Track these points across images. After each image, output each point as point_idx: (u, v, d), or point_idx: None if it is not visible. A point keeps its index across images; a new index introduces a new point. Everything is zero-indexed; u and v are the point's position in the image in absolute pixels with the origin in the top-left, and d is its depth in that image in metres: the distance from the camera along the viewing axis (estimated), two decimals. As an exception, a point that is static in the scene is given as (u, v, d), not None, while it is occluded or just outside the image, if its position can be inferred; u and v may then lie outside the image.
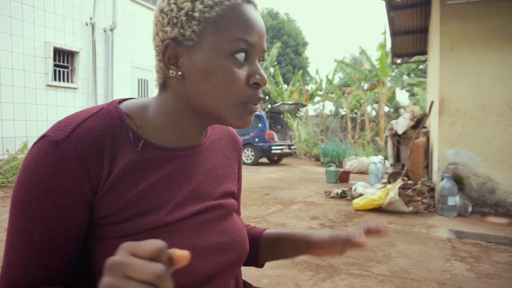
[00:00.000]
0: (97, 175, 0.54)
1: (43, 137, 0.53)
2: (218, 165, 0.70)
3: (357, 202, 4.60)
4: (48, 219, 0.51)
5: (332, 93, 16.92)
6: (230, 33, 0.56)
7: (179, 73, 0.58)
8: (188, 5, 0.56)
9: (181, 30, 0.56)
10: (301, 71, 20.59)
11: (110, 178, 0.55)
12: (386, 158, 7.10)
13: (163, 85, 0.62)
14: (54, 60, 7.38)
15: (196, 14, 0.55)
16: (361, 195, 4.99)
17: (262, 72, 0.59)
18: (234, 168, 0.75)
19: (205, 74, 0.56)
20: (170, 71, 0.58)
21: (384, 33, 12.94)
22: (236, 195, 0.75)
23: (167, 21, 0.57)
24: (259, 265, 0.82)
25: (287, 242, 0.77)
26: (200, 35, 0.56)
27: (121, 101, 0.64)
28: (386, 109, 18.39)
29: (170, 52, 0.58)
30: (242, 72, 0.57)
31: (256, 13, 0.59)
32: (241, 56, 0.57)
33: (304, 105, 14.09)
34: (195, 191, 0.63)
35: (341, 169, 7.48)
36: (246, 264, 0.80)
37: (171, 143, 0.62)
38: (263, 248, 0.79)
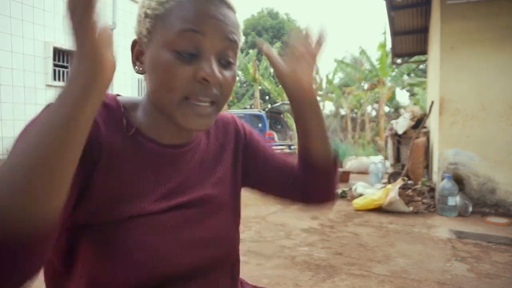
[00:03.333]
0: (91, 149, 0.54)
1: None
2: (211, 160, 0.70)
3: (357, 202, 4.60)
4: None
5: (332, 93, 16.92)
6: (176, 26, 0.54)
7: (140, 68, 0.60)
8: (145, 3, 0.58)
9: (140, 28, 0.59)
10: (301, 71, 20.54)
11: (100, 158, 0.55)
12: (386, 158, 7.09)
13: (145, 82, 0.64)
14: (54, 59, 7.37)
15: (149, 11, 0.57)
16: (361, 195, 4.98)
17: (213, 67, 0.55)
18: (229, 159, 0.73)
19: (153, 69, 0.56)
20: (135, 68, 0.60)
21: (384, 33, 12.93)
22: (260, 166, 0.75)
23: (137, 19, 0.60)
24: (312, 154, 0.72)
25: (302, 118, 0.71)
26: (151, 32, 0.57)
27: (117, 95, 0.65)
28: (386, 109, 18.39)
29: (137, 49, 0.60)
30: (188, 67, 0.55)
31: (212, 2, 0.55)
32: (188, 50, 0.54)
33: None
34: (183, 185, 0.64)
35: (341, 169, 7.48)
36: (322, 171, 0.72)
37: (162, 140, 0.63)
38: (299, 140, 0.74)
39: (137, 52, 0.60)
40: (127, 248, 0.55)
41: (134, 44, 0.60)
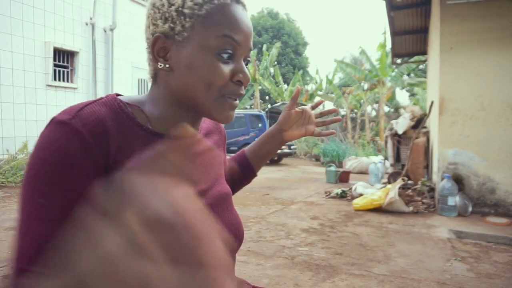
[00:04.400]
0: (105, 152, 0.55)
1: (51, 121, 0.54)
2: (213, 154, 0.75)
3: (357, 202, 4.60)
4: (67, 192, 0.51)
5: (332, 93, 16.93)
6: (217, 31, 0.58)
7: (167, 65, 0.61)
8: (178, 1, 0.59)
9: (171, 25, 0.59)
10: (301, 71, 20.60)
11: (116, 158, 0.56)
12: (386, 158, 7.10)
13: (154, 78, 0.65)
14: (54, 60, 7.37)
15: (186, 11, 0.58)
16: (361, 195, 4.99)
17: (246, 70, 0.63)
18: (221, 155, 0.83)
19: (191, 67, 0.59)
20: (159, 64, 0.61)
21: (384, 33, 12.94)
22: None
23: (159, 15, 0.60)
24: (254, 175, 0.98)
25: (266, 142, 0.94)
26: (189, 31, 0.59)
27: (117, 95, 0.65)
28: (386, 109, 18.39)
29: (159, 45, 0.60)
30: (227, 69, 0.60)
31: (244, 14, 0.62)
32: (226, 53, 0.60)
33: (304, 105, 14.07)
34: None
35: (341, 169, 7.48)
36: (244, 179, 0.96)
37: (173, 133, 0.64)
38: (252, 158, 0.95)
39: (160, 48, 0.61)
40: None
41: (157, 39, 0.60)
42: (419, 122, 5.96)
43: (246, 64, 0.66)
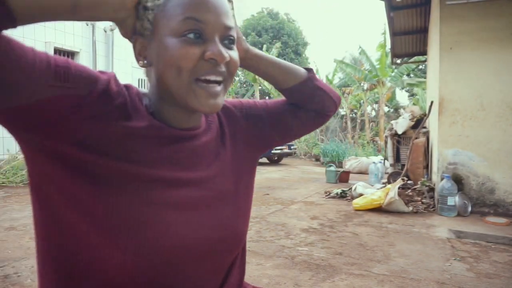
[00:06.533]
0: (106, 108, 0.56)
1: None
2: (215, 146, 0.71)
3: (357, 202, 4.61)
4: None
5: (332, 93, 16.90)
6: (178, 16, 0.57)
7: (145, 62, 0.62)
8: None
9: (141, 22, 0.59)
10: (301, 71, 20.55)
11: (114, 121, 0.57)
12: (386, 158, 7.10)
13: (148, 76, 0.66)
14: (54, 60, 7.38)
15: (148, 4, 0.58)
16: (361, 195, 4.99)
17: (219, 47, 0.57)
18: (229, 148, 0.74)
19: (159, 56, 0.58)
20: (140, 63, 0.62)
21: (384, 33, 12.94)
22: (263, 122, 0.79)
23: (135, 17, 0.61)
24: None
25: None
26: (153, 23, 0.59)
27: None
28: (386, 109, 18.40)
29: (139, 46, 0.61)
30: (195, 49, 0.57)
31: None
32: (193, 35, 0.57)
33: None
34: (192, 160, 0.66)
35: (341, 169, 7.49)
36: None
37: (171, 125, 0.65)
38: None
39: (140, 48, 0.61)
40: (134, 226, 0.56)
41: (136, 41, 0.61)
42: (418, 122, 5.97)
43: (231, 43, 0.61)
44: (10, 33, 0.47)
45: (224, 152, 0.73)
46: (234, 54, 0.62)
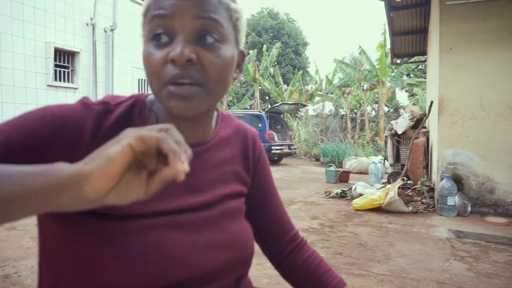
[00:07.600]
0: (96, 141, 0.54)
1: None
2: (224, 163, 0.68)
3: (357, 202, 4.61)
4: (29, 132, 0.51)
5: (332, 93, 16.94)
6: (148, 17, 0.56)
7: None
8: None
9: (142, 30, 0.60)
10: (301, 71, 20.60)
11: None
12: (385, 158, 7.11)
13: None
14: (55, 60, 7.39)
15: (143, 11, 0.59)
16: (361, 195, 5.00)
17: (178, 46, 0.52)
18: (240, 168, 0.72)
19: (143, 63, 0.57)
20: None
21: (384, 33, 12.95)
22: (245, 194, 0.74)
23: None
24: None
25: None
26: (142, 29, 0.59)
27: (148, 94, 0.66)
28: (386, 109, 18.40)
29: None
30: (161, 51, 0.54)
31: None
32: (159, 35, 0.54)
33: (304, 105, 14.12)
34: (194, 185, 0.63)
35: (341, 169, 7.49)
36: None
37: None
38: None
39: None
40: (140, 249, 0.54)
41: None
42: (418, 122, 5.98)
43: (210, 40, 0.55)
44: (11, 33, 0.46)
45: (237, 160, 0.71)
46: (211, 53, 0.54)
